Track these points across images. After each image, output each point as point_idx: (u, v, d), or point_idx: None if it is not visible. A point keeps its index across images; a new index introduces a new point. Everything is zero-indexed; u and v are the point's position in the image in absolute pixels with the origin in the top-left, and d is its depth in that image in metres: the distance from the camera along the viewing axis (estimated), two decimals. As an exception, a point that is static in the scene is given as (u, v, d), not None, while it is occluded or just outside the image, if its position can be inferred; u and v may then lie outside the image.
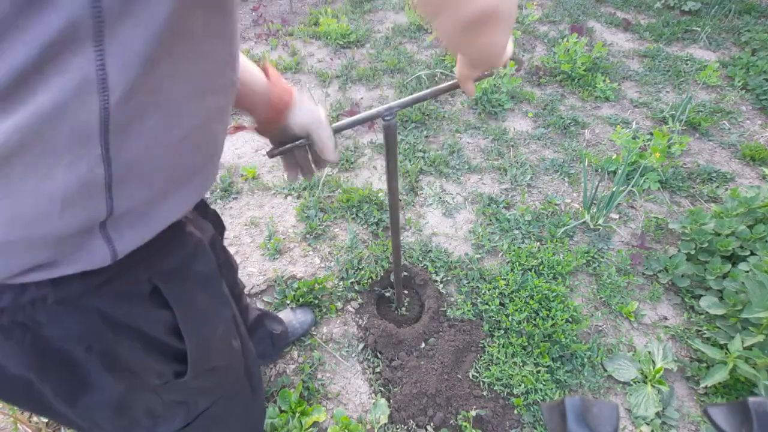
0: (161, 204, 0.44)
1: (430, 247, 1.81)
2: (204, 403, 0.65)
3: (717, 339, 1.48)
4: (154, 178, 0.42)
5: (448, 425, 1.31)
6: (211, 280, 0.58)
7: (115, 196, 0.39)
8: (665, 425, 1.34)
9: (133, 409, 0.56)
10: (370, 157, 2.26)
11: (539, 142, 2.40)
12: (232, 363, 0.69)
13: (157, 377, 0.54)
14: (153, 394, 0.56)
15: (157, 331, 0.50)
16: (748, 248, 1.61)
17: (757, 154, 2.31)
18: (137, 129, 0.37)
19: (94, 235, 0.40)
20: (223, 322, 0.62)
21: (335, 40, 3.11)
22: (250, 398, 0.80)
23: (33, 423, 1.25)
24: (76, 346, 0.45)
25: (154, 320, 0.50)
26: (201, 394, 0.64)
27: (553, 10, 3.74)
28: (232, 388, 0.71)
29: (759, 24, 3.57)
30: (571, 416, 0.39)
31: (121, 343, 0.48)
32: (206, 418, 0.67)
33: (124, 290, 0.46)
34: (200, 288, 0.56)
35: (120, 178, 0.38)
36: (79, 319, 0.44)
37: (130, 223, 0.42)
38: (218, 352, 0.62)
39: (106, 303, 0.45)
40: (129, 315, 0.47)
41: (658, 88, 2.87)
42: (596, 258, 1.80)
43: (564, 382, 1.41)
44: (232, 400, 0.71)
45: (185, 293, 0.52)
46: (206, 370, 0.60)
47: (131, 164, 0.39)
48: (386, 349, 1.47)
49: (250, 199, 2.02)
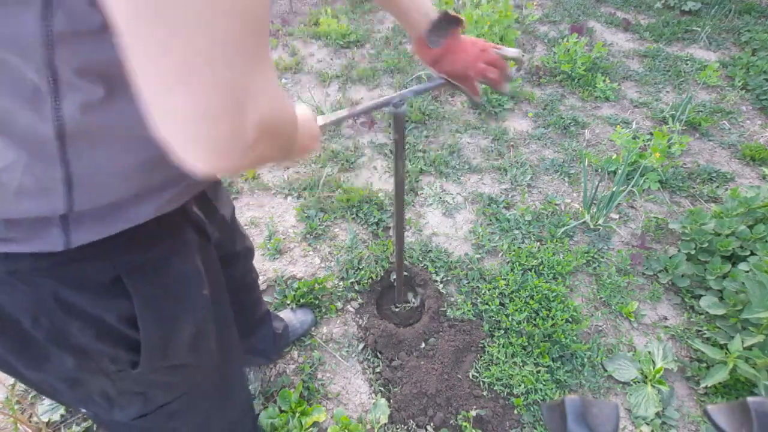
0: (127, 207, 0.46)
1: (430, 247, 1.81)
2: (163, 398, 0.64)
3: (717, 339, 1.48)
4: (117, 186, 0.43)
5: (448, 425, 1.31)
6: (189, 281, 0.58)
7: (75, 195, 0.41)
8: (665, 425, 1.34)
9: (86, 387, 0.56)
10: (370, 157, 2.26)
11: (539, 142, 2.40)
12: (200, 364, 0.67)
13: (110, 362, 0.54)
14: (106, 378, 0.56)
15: (110, 318, 0.51)
16: (748, 248, 1.61)
17: (757, 154, 2.31)
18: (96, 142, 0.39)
19: (51, 224, 0.42)
20: (192, 324, 0.60)
21: (335, 40, 3.11)
22: (223, 402, 0.78)
23: (33, 423, 1.25)
24: (25, 316, 0.46)
25: (110, 309, 0.50)
26: (160, 389, 0.63)
27: (553, 10, 3.74)
28: (197, 389, 0.69)
29: (759, 24, 3.57)
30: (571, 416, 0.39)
31: (70, 323, 0.48)
32: (166, 413, 0.66)
33: (80, 276, 0.47)
34: (174, 287, 0.56)
35: (80, 181, 0.40)
36: (28, 291, 0.46)
37: (92, 219, 0.44)
38: (182, 352, 0.60)
39: (59, 284, 0.46)
40: (82, 299, 0.48)
41: (658, 88, 2.87)
42: (596, 258, 1.80)
43: (564, 382, 1.41)
44: (197, 400, 0.70)
45: (153, 289, 0.53)
46: (166, 367, 0.60)
47: (92, 172, 0.40)
48: (386, 349, 1.47)
49: (250, 199, 2.02)
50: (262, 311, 1.25)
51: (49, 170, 0.39)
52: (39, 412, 1.28)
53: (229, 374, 0.79)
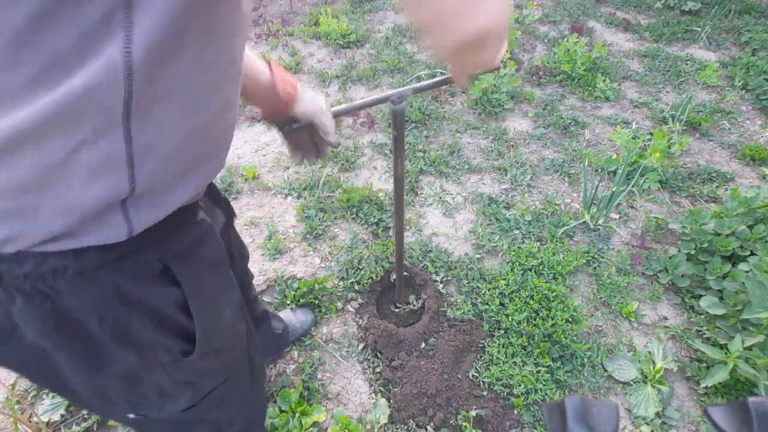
0: (176, 186, 0.47)
1: (430, 247, 1.81)
2: (209, 385, 0.66)
3: (717, 339, 1.48)
4: (172, 161, 0.44)
5: (448, 425, 1.31)
6: (220, 265, 0.60)
7: (136, 174, 0.41)
8: (665, 425, 1.34)
9: (143, 385, 0.57)
10: (370, 157, 2.26)
11: (539, 142, 2.40)
12: (237, 347, 0.70)
13: (166, 353, 0.56)
14: (162, 371, 0.57)
15: (167, 307, 0.52)
16: (748, 248, 1.61)
17: (757, 154, 2.31)
18: (158, 113, 0.40)
19: (114, 211, 0.43)
20: (230, 306, 0.63)
21: (335, 40, 3.11)
22: (252, 386, 0.81)
23: (33, 423, 1.25)
24: (90, 317, 0.47)
25: (165, 297, 0.52)
26: (206, 376, 0.65)
27: (553, 10, 3.74)
28: (235, 372, 0.72)
29: (759, 24, 3.57)
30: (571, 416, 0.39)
31: (132, 317, 0.49)
32: (211, 401, 0.68)
33: (138, 267, 0.49)
34: (209, 271, 0.57)
35: (141, 157, 0.41)
36: (95, 291, 0.46)
37: (148, 202, 0.45)
38: (224, 334, 0.63)
39: (120, 278, 0.47)
40: (141, 290, 0.49)
41: (658, 88, 2.87)
42: (596, 258, 1.80)
43: (564, 382, 1.41)
44: (235, 384, 0.73)
45: (194, 274, 0.54)
46: (212, 351, 0.62)
47: (151, 145, 0.41)
48: (386, 349, 1.47)
49: (250, 199, 2.02)
50: (260, 311, 1.25)
51: (114, 147, 0.39)
52: (39, 412, 1.28)
53: (255, 361, 0.81)
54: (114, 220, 0.43)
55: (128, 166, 0.40)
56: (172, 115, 0.41)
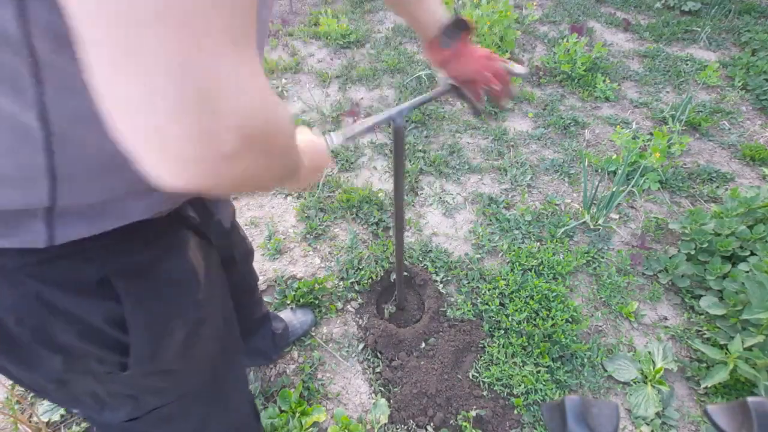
0: (116, 205, 0.44)
1: (430, 247, 1.81)
2: (154, 402, 0.63)
3: (717, 339, 1.48)
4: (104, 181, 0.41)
5: (448, 425, 1.31)
6: (181, 284, 0.56)
7: (59, 187, 0.39)
8: (665, 425, 1.34)
9: (74, 388, 0.55)
10: (370, 157, 2.26)
11: (539, 142, 2.40)
12: (193, 369, 0.65)
13: (98, 363, 0.52)
14: (94, 380, 0.54)
15: (96, 320, 0.49)
16: (748, 248, 1.61)
17: (757, 154, 2.31)
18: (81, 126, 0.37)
19: (35, 218, 0.41)
20: (185, 327, 0.58)
21: (335, 40, 3.11)
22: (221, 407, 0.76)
23: (33, 423, 1.25)
24: (8, 315, 0.45)
25: (94, 310, 0.48)
26: (150, 393, 0.61)
27: (553, 10, 3.74)
28: (191, 394, 0.67)
29: (759, 24, 3.57)
30: (571, 416, 0.39)
31: (54, 323, 0.47)
32: (158, 417, 0.64)
33: (66, 275, 0.46)
34: (166, 289, 0.54)
35: (64, 171, 0.38)
36: (12, 291, 0.44)
37: (78, 215, 0.42)
38: (174, 356, 0.58)
39: (42, 283, 0.45)
40: (66, 299, 0.47)
41: (658, 88, 2.87)
42: (596, 258, 1.80)
43: (564, 382, 1.41)
44: (191, 405, 0.69)
45: (142, 293, 0.51)
46: (158, 372, 0.58)
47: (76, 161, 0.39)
48: (386, 349, 1.47)
49: (250, 199, 2.02)
50: (262, 312, 1.25)
51: (32, 158, 0.37)
52: (39, 412, 1.28)
53: (228, 378, 0.77)
54: (33, 227, 0.41)
55: (49, 176, 0.38)
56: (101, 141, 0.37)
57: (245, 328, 1.19)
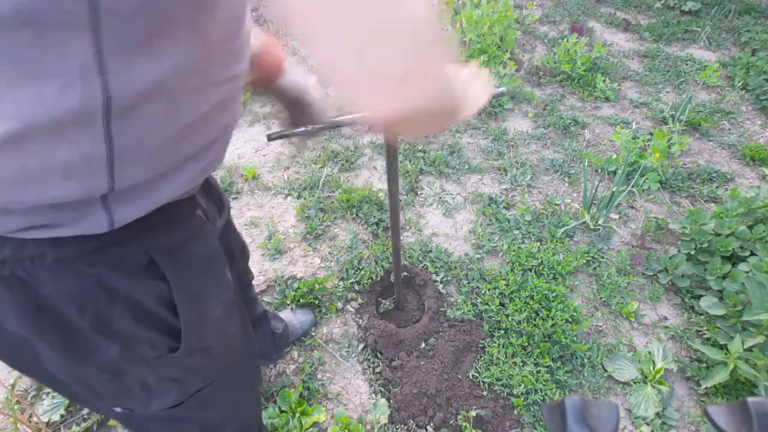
0: (161, 183, 0.46)
1: (430, 247, 1.81)
2: (197, 384, 0.65)
3: (717, 339, 1.48)
4: (154, 160, 0.44)
5: (448, 425, 1.31)
6: (212, 262, 0.59)
7: (116, 174, 0.41)
8: (665, 425, 1.34)
9: (127, 378, 0.57)
10: (370, 157, 2.26)
11: (539, 142, 2.40)
12: (228, 347, 0.69)
13: (150, 348, 0.55)
14: (146, 366, 0.57)
15: (150, 302, 0.51)
16: (748, 248, 1.61)
17: (757, 154, 2.31)
18: (139, 114, 0.39)
19: (94, 205, 0.43)
20: (220, 305, 0.62)
21: (335, 40, 3.11)
22: (245, 388, 0.80)
23: (33, 423, 1.25)
24: (70, 306, 0.47)
25: (147, 291, 0.51)
26: (194, 374, 0.64)
27: (553, 10, 3.74)
28: (226, 372, 0.71)
29: (759, 24, 3.57)
30: (571, 416, 0.39)
31: (113, 309, 0.49)
32: (198, 400, 0.67)
33: (120, 259, 0.48)
34: (199, 268, 0.57)
35: (121, 157, 0.40)
36: (74, 280, 0.46)
37: (130, 197, 0.44)
38: (213, 333, 0.62)
39: (102, 268, 0.47)
40: (123, 283, 0.49)
41: (658, 88, 2.87)
42: (596, 258, 1.80)
43: (564, 382, 1.41)
44: (225, 384, 0.72)
45: (183, 270, 0.53)
46: (199, 349, 0.61)
47: (132, 146, 0.41)
48: (386, 349, 1.47)
49: (250, 199, 2.02)
50: (259, 312, 1.25)
51: (94, 147, 0.39)
52: (39, 412, 1.28)
53: (250, 362, 0.80)
54: (94, 214, 0.43)
55: (108, 166, 0.40)
56: (155, 117, 0.41)
57: None
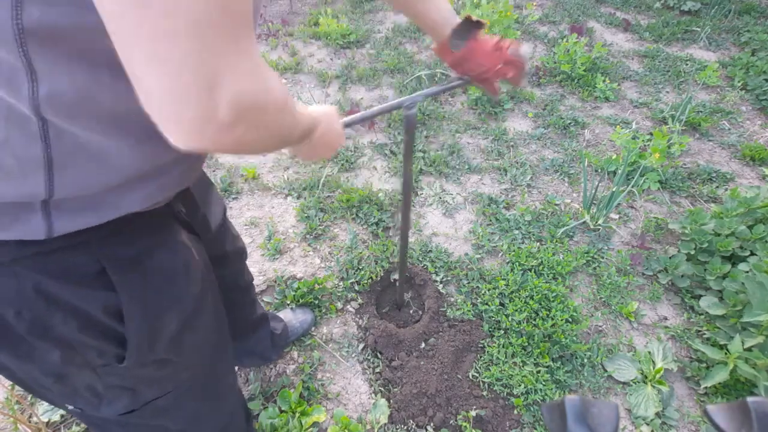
0: (112, 196, 0.45)
1: (430, 247, 1.81)
2: (151, 394, 0.63)
3: (717, 339, 1.48)
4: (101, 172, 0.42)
5: (448, 425, 1.31)
6: (174, 275, 0.57)
7: (55, 179, 0.40)
8: (665, 425, 1.34)
9: (72, 381, 0.55)
10: (370, 157, 2.26)
11: (539, 142, 2.40)
12: (188, 360, 0.66)
13: (96, 356, 0.53)
14: (92, 372, 0.55)
15: (95, 311, 0.50)
16: (748, 248, 1.61)
17: (757, 154, 2.31)
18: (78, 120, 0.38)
19: (32, 210, 0.42)
20: (176, 318, 0.59)
21: (335, 40, 3.11)
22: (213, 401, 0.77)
23: (33, 423, 1.25)
24: (7, 308, 0.46)
25: (93, 300, 0.49)
26: (147, 384, 0.62)
27: (553, 10, 3.74)
28: (185, 386, 0.68)
29: (759, 24, 3.57)
30: (571, 416, 0.39)
31: (53, 315, 0.47)
32: (153, 409, 0.65)
33: (64, 266, 0.47)
34: (158, 280, 0.55)
35: (61, 163, 0.39)
36: (11, 283, 0.45)
37: (76, 207, 0.43)
38: (169, 346, 0.60)
39: (41, 274, 0.46)
40: (66, 291, 0.47)
41: (658, 88, 2.87)
42: (596, 258, 1.80)
43: (564, 382, 1.41)
44: (185, 398, 0.69)
45: (137, 282, 0.52)
46: (153, 362, 0.59)
47: (73, 153, 0.40)
48: (386, 349, 1.47)
49: (250, 199, 2.02)
50: (259, 313, 1.25)
51: (29, 150, 0.38)
52: (39, 412, 1.28)
53: (220, 374, 0.78)
54: (32, 219, 0.42)
55: (46, 168, 0.39)
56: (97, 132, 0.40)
57: (243, 329, 1.19)
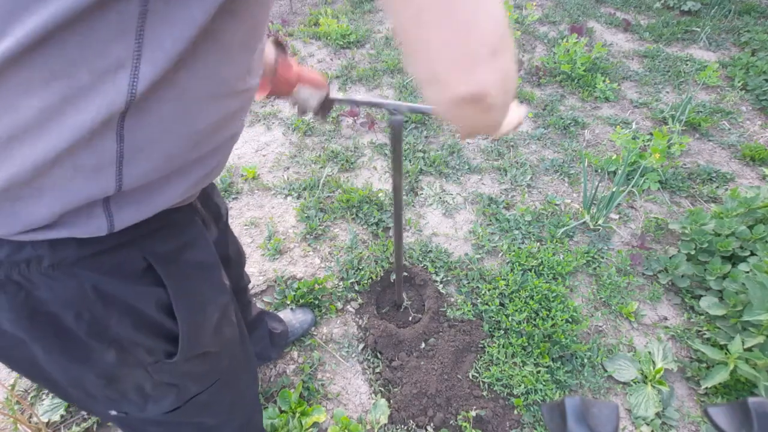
0: (163, 187, 0.47)
1: (430, 248, 1.81)
2: (195, 389, 0.65)
3: (717, 339, 1.48)
4: (161, 163, 0.44)
5: (448, 425, 1.31)
6: (209, 269, 0.60)
7: (124, 173, 0.41)
8: (665, 425, 1.34)
9: (123, 383, 0.56)
10: (370, 157, 2.26)
11: (539, 142, 2.40)
12: (225, 351, 0.69)
13: (147, 354, 0.55)
14: (143, 371, 0.56)
15: (147, 307, 0.51)
16: (748, 248, 1.61)
17: (757, 154, 2.31)
18: (153, 115, 0.40)
19: (96, 207, 0.43)
20: (217, 310, 0.62)
21: (335, 40, 3.11)
22: (242, 393, 0.80)
23: (33, 423, 1.25)
24: (67, 311, 0.46)
25: (147, 297, 0.51)
26: (191, 379, 0.64)
27: (553, 10, 3.75)
28: (223, 377, 0.70)
29: (759, 24, 3.57)
30: (571, 416, 0.39)
31: (111, 314, 0.49)
32: (196, 405, 0.67)
33: (118, 264, 0.48)
34: (196, 274, 0.57)
35: (130, 157, 0.41)
36: (71, 285, 0.46)
37: (132, 200, 0.45)
38: (210, 339, 0.62)
39: (99, 274, 0.47)
40: (120, 288, 0.49)
41: (658, 88, 2.87)
42: (596, 258, 1.80)
43: (564, 382, 1.41)
44: (222, 390, 0.71)
45: (180, 276, 0.54)
46: (197, 355, 0.61)
47: (142, 147, 0.41)
48: (386, 349, 1.47)
49: (250, 199, 2.02)
50: (255, 314, 1.26)
51: (105, 146, 0.39)
52: (39, 412, 1.28)
53: (247, 364, 0.80)
54: (94, 215, 0.43)
55: (117, 164, 0.40)
56: (168, 121, 0.42)
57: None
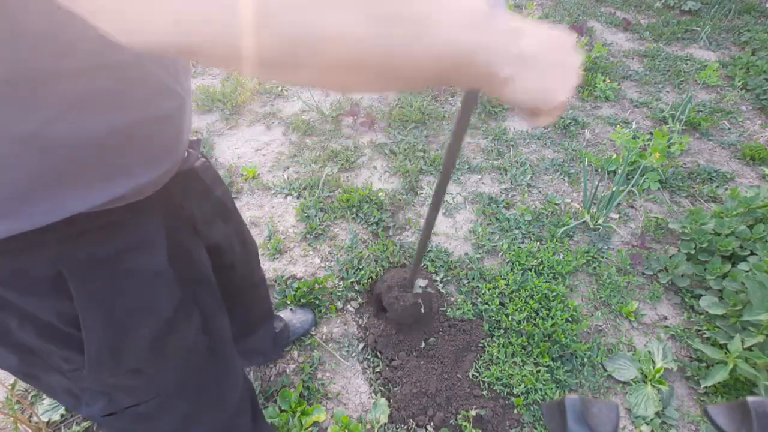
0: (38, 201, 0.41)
1: (430, 247, 1.81)
2: (128, 401, 0.60)
3: (717, 339, 1.48)
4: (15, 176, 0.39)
5: (448, 425, 1.31)
6: (149, 281, 0.53)
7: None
8: (665, 425, 1.34)
9: (43, 382, 0.54)
10: (370, 157, 2.26)
11: (539, 142, 2.40)
12: (170, 370, 0.62)
13: (63, 361, 0.51)
14: (62, 376, 0.53)
15: (50, 318, 0.47)
16: (748, 248, 1.61)
17: (757, 154, 2.31)
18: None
19: None
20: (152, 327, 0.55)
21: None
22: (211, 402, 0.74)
23: (33, 423, 1.25)
24: None
25: (46, 307, 0.46)
26: (122, 391, 0.58)
27: (553, 10, 3.74)
28: (171, 393, 0.64)
29: (759, 24, 3.57)
30: (571, 416, 0.39)
31: (9, 320, 0.45)
32: (135, 414, 0.62)
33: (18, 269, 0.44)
34: (128, 287, 0.51)
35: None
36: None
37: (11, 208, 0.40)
38: (141, 358, 0.56)
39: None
40: (14, 295, 0.45)
41: (658, 88, 2.87)
42: (596, 258, 1.80)
43: (564, 381, 1.41)
44: (173, 403, 0.66)
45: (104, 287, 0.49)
46: (126, 371, 0.56)
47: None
48: (386, 348, 1.47)
49: (250, 198, 2.02)
50: (264, 310, 1.21)
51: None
52: (39, 411, 1.28)
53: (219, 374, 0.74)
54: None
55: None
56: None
57: (245, 327, 1.17)
